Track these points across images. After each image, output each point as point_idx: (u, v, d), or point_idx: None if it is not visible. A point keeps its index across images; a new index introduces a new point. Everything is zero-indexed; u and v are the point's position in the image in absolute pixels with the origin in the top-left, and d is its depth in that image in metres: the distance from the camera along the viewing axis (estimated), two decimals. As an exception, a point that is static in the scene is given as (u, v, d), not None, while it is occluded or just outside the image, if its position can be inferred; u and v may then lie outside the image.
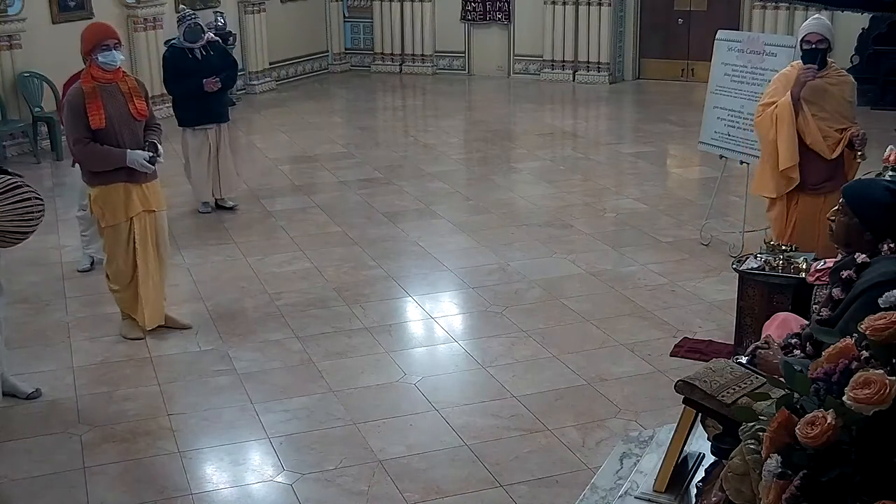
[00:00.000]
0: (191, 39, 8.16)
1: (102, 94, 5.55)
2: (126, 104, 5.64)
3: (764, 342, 3.13)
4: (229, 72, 8.42)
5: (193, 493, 4.33)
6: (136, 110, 5.67)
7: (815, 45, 5.73)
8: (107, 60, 5.58)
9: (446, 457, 4.57)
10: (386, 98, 15.01)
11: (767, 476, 1.90)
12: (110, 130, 5.57)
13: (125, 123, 5.64)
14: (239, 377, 5.42)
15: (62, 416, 5.03)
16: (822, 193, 5.72)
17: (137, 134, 5.71)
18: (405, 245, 7.65)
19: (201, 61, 8.16)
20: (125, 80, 5.71)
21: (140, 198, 5.76)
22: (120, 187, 5.68)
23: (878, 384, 1.81)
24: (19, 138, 10.62)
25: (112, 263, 5.87)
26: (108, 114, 5.55)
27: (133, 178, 5.69)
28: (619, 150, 10.97)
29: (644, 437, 3.25)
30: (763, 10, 13.39)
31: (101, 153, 5.58)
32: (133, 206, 5.73)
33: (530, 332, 5.91)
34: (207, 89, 8.08)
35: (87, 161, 5.67)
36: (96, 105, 5.51)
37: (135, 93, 5.69)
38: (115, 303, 6.02)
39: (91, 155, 5.61)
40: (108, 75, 5.61)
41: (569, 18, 14.61)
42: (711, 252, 7.30)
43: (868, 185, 3.35)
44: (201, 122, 8.27)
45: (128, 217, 5.73)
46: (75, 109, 5.54)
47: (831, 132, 5.72)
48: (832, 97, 5.74)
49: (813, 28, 5.76)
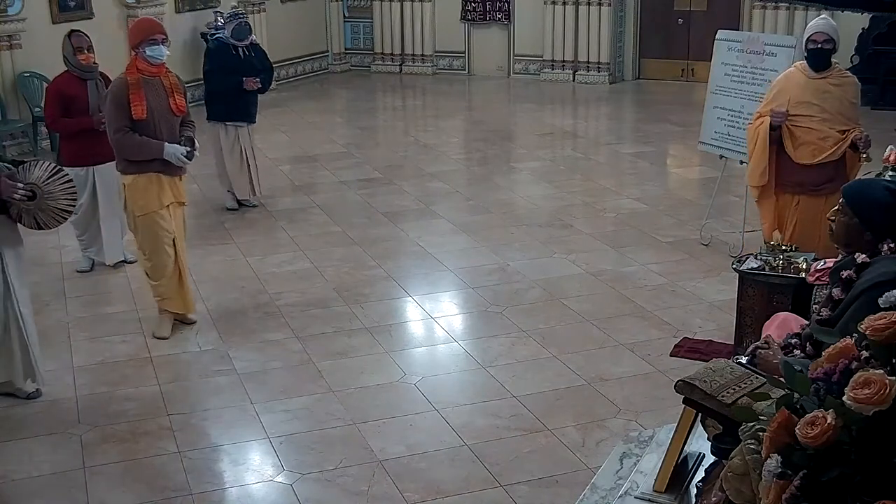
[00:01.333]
0: (238, 37, 8.33)
1: (145, 87, 5.69)
2: (167, 98, 5.78)
3: (764, 342, 3.13)
4: (267, 74, 8.57)
5: (193, 493, 4.33)
6: (176, 105, 5.82)
7: (820, 45, 5.71)
8: (154, 54, 5.72)
9: (446, 457, 4.57)
10: (386, 98, 15.01)
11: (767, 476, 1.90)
12: (150, 122, 5.70)
13: (164, 117, 5.77)
14: (239, 377, 5.42)
15: (62, 416, 5.03)
16: (824, 194, 5.72)
17: (175, 128, 5.85)
18: (405, 245, 7.65)
19: (243, 60, 8.33)
20: (168, 75, 5.86)
21: (172, 189, 5.87)
22: (153, 177, 5.78)
23: (878, 384, 1.81)
24: (19, 138, 10.62)
25: (152, 257, 5.90)
26: (149, 106, 5.68)
27: (166, 171, 5.80)
28: (619, 150, 10.97)
29: (644, 437, 3.25)
30: (763, 10, 13.39)
31: (140, 143, 5.69)
32: (166, 195, 5.84)
33: (530, 332, 5.91)
34: (247, 87, 8.23)
35: (126, 150, 5.75)
36: (139, 96, 5.64)
37: (175, 89, 5.84)
38: (156, 297, 6.00)
39: (130, 144, 5.71)
40: (153, 69, 5.75)
41: (569, 18, 14.61)
42: (711, 252, 7.30)
43: (868, 185, 3.35)
44: (234, 118, 8.37)
45: (162, 205, 5.81)
46: (118, 99, 5.66)
47: (833, 133, 5.71)
48: (834, 98, 5.73)
49: (819, 28, 5.74)
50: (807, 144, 5.76)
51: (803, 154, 5.76)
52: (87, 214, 6.92)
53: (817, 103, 5.71)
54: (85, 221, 6.97)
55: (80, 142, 6.74)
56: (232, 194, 8.56)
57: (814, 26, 5.81)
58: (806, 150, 5.76)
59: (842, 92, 5.77)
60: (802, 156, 5.76)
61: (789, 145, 5.80)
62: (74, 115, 6.71)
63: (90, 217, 6.95)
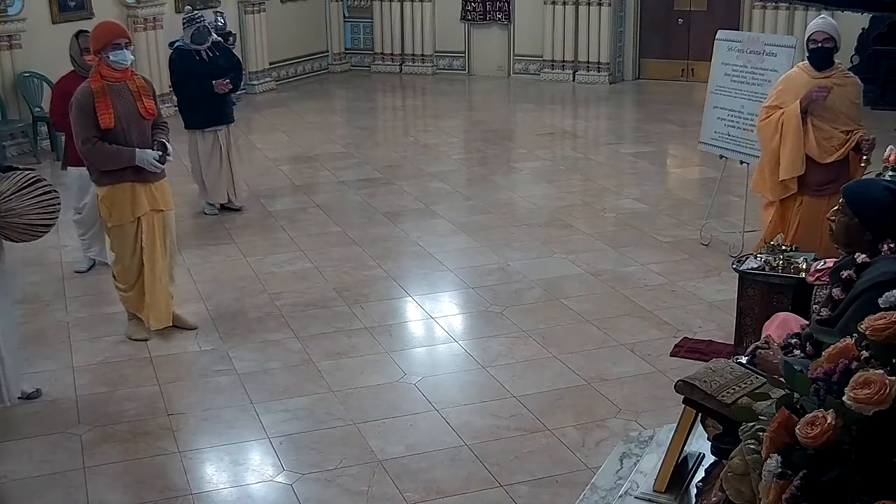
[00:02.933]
0: (198, 41, 8.14)
1: (111, 93, 5.54)
2: (135, 103, 5.63)
3: (764, 342, 3.13)
4: (236, 72, 8.41)
5: (193, 493, 4.33)
6: (145, 109, 5.66)
7: (820, 44, 5.70)
8: (118, 59, 5.56)
9: (446, 457, 4.57)
10: (386, 98, 15.01)
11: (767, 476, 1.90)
12: (119, 129, 5.56)
13: (134, 122, 5.63)
14: (239, 377, 5.42)
15: (62, 416, 5.03)
16: (826, 195, 5.70)
17: (146, 133, 5.70)
18: (405, 245, 7.65)
19: (208, 63, 8.14)
20: (133, 79, 5.70)
21: (148, 197, 5.74)
22: (128, 187, 5.66)
23: (878, 384, 1.81)
24: (19, 138, 10.62)
25: (118, 263, 5.86)
26: (117, 113, 5.54)
27: (142, 178, 5.68)
28: (619, 150, 10.97)
29: (644, 437, 3.25)
30: (763, 10, 13.39)
31: (111, 152, 5.56)
32: (140, 205, 5.71)
33: (530, 332, 5.91)
34: (218, 90, 8.06)
35: (96, 160, 5.63)
36: (105, 104, 5.50)
37: (143, 92, 5.67)
38: (121, 302, 6.01)
39: (100, 154, 5.57)
40: (118, 74, 5.60)
41: (569, 18, 14.61)
42: (711, 252, 7.30)
43: (868, 185, 3.35)
44: (211, 123, 8.25)
45: (134, 217, 5.71)
46: (84, 108, 5.52)
47: (836, 133, 5.70)
48: (837, 98, 5.71)
49: (819, 27, 5.72)
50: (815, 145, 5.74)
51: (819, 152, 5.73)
52: (91, 214, 6.91)
53: (821, 102, 5.70)
54: (88, 221, 6.96)
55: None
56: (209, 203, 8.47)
57: (814, 25, 5.79)
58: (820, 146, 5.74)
59: (844, 92, 5.76)
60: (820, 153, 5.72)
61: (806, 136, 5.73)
62: None
63: (94, 216, 6.94)
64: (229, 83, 8.11)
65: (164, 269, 5.92)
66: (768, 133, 5.87)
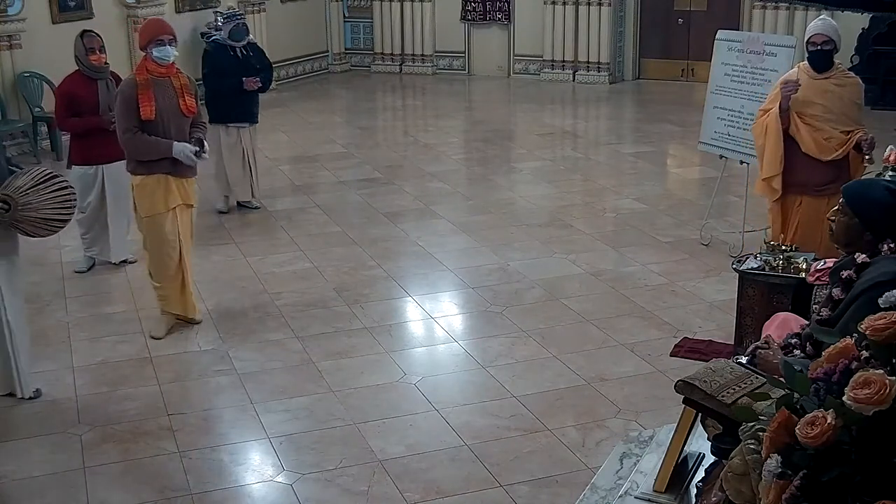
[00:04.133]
0: (236, 38, 8.27)
1: (154, 87, 5.68)
2: (177, 99, 5.76)
3: (764, 342, 3.13)
4: (267, 73, 8.51)
5: (193, 493, 4.33)
6: (186, 106, 5.79)
7: (820, 47, 5.69)
8: (161, 55, 5.71)
9: (446, 457, 4.57)
10: (386, 98, 15.01)
11: (767, 476, 1.90)
12: (159, 123, 5.69)
13: (174, 118, 5.75)
14: (239, 377, 5.42)
15: (62, 416, 5.03)
16: (826, 195, 5.70)
17: (184, 129, 5.83)
18: (405, 245, 7.65)
19: (241, 60, 8.26)
20: (178, 76, 5.83)
21: (180, 191, 5.86)
22: (162, 178, 5.77)
23: (878, 384, 1.81)
24: (19, 138, 10.61)
25: (154, 258, 5.91)
26: (158, 106, 5.67)
27: (176, 171, 5.79)
28: (619, 150, 10.97)
29: (644, 437, 3.25)
30: (763, 10, 13.39)
31: (149, 143, 5.69)
32: (173, 197, 5.82)
33: (530, 332, 5.91)
34: (247, 87, 8.16)
35: (135, 150, 5.74)
36: (147, 96, 5.63)
37: (186, 89, 5.81)
38: (158, 301, 6.02)
39: (139, 144, 5.70)
40: (162, 69, 5.74)
41: (569, 18, 14.61)
42: (711, 252, 7.30)
43: (868, 185, 3.35)
44: (236, 119, 8.32)
45: (168, 207, 5.81)
46: (127, 99, 5.66)
47: (836, 134, 5.69)
48: (837, 99, 5.70)
49: (818, 29, 5.71)
50: (813, 143, 5.74)
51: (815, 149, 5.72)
52: (94, 213, 6.92)
53: (821, 103, 5.69)
54: (91, 220, 6.97)
55: (89, 141, 6.75)
56: (226, 198, 8.50)
57: (813, 28, 5.78)
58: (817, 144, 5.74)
59: (845, 92, 5.74)
60: (817, 150, 5.71)
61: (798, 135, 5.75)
62: (84, 115, 6.72)
63: (96, 216, 6.95)
64: (259, 81, 8.22)
65: (190, 264, 6.09)
66: (756, 134, 5.97)
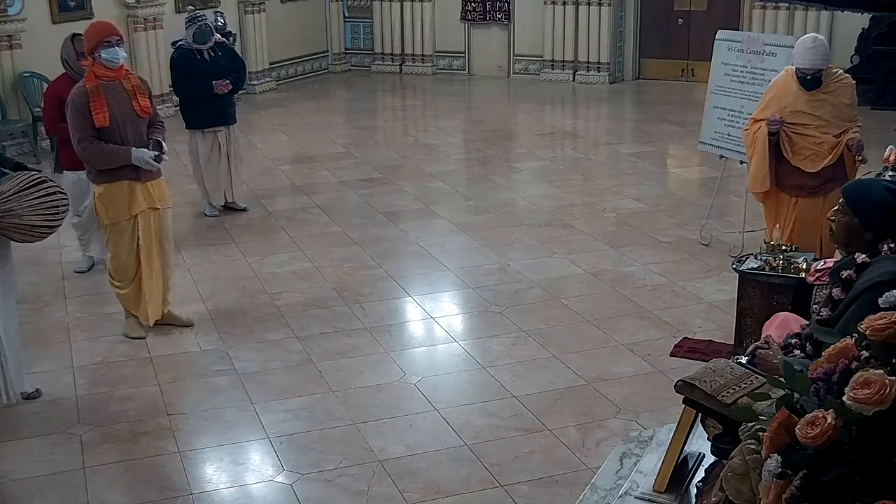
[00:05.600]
0: (200, 41, 8.10)
1: (106, 92, 5.57)
2: (130, 102, 5.65)
3: (764, 342, 3.13)
4: (238, 73, 8.36)
5: (193, 493, 4.33)
6: (140, 108, 5.68)
7: (810, 77, 5.68)
8: (110, 57, 5.58)
9: (446, 457, 4.57)
10: (386, 98, 15.01)
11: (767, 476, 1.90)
12: (114, 128, 5.59)
13: (129, 121, 5.65)
14: (239, 377, 5.42)
15: (62, 416, 5.03)
16: (823, 195, 5.72)
17: (141, 131, 5.72)
18: (405, 245, 7.65)
19: (210, 62, 8.10)
20: (128, 77, 5.72)
21: (144, 195, 5.77)
22: (125, 185, 5.69)
23: (878, 384, 1.81)
24: (19, 138, 10.62)
25: (115, 260, 5.87)
26: (112, 112, 5.56)
27: (138, 176, 5.71)
28: (619, 150, 10.97)
29: (644, 437, 3.26)
30: (763, 10, 13.39)
31: (107, 151, 5.59)
32: (137, 203, 5.74)
33: (530, 332, 5.91)
34: (218, 91, 8.01)
35: (93, 159, 5.66)
36: (100, 103, 5.53)
37: (138, 90, 5.70)
38: (118, 300, 6.01)
39: (96, 153, 5.61)
40: (112, 73, 5.61)
41: (569, 18, 14.61)
42: (711, 252, 7.30)
43: (868, 185, 3.35)
44: (211, 124, 8.20)
45: (131, 215, 5.74)
46: (79, 108, 5.55)
47: (828, 138, 5.68)
48: (831, 105, 5.71)
49: (809, 62, 5.61)
50: (805, 150, 5.74)
51: (802, 161, 5.75)
52: (90, 217, 6.89)
53: (812, 112, 5.70)
54: (87, 223, 6.96)
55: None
56: (209, 204, 8.43)
57: (802, 58, 5.64)
58: (804, 155, 5.75)
59: (836, 98, 5.71)
60: (802, 162, 5.75)
61: (788, 151, 5.79)
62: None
63: (92, 219, 6.93)
64: (229, 84, 8.07)
65: (159, 267, 5.94)
66: (747, 143, 6.03)
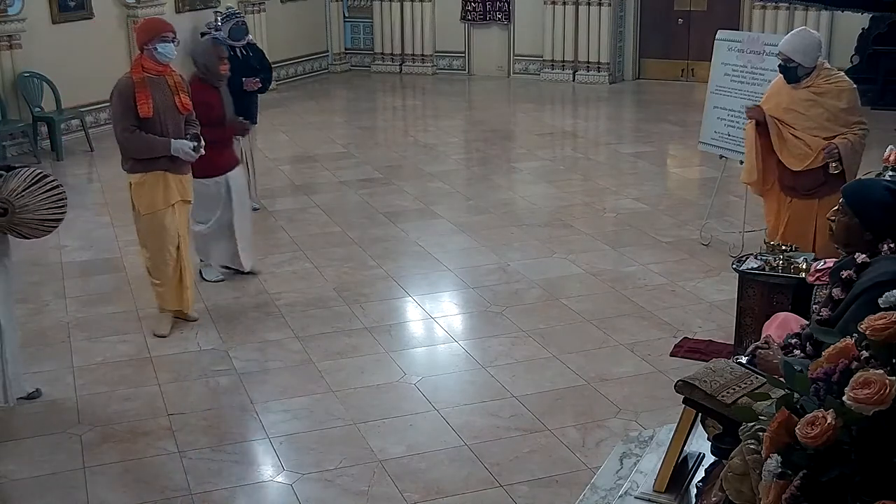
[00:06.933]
0: (235, 38, 8.25)
1: (151, 86, 5.71)
2: (172, 97, 5.81)
3: (764, 342, 3.13)
4: (266, 74, 8.48)
5: (193, 493, 4.33)
6: (182, 104, 5.85)
7: (783, 63, 5.70)
8: (165, 51, 5.75)
9: (446, 457, 4.57)
10: (386, 98, 15.01)
11: (767, 476, 1.90)
12: (156, 120, 5.73)
13: (170, 115, 5.80)
14: (239, 377, 5.42)
15: (62, 416, 5.03)
16: (817, 198, 5.70)
17: (180, 126, 5.88)
18: (405, 245, 7.65)
19: (241, 60, 8.21)
20: (172, 74, 5.88)
21: (178, 187, 5.90)
22: (160, 175, 5.81)
23: (878, 384, 1.81)
24: (19, 138, 10.61)
25: (155, 256, 5.93)
26: (155, 104, 5.70)
27: (173, 168, 5.83)
28: (619, 150, 10.97)
29: (644, 437, 3.26)
30: (763, 10, 13.40)
31: (147, 141, 5.73)
32: (171, 194, 5.87)
33: (530, 332, 5.91)
34: (247, 88, 8.11)
35: (133, 148, 5.77)
36: (145, 94, 5.67)
37: (180, 87, 5.88)
38: (155, 298, 6.05)
39: (137, 142, 5.74)
40: (159, 68, 5.77)
41: (569, 18, 14.61)
42: (711, 252, 7.30)
43: (868, 185, 3.35)
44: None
45: (167, 204, 5.84)
46: (124, 98, 5.70)
47: (818, 141, 5.62)
48: (819, 106, 5.64)
49: (781, 47, 5.69)
50: (793, 147, 5.74)
51: (791, 159, 5.74)
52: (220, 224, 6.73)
53: (800, 111, 5.67)
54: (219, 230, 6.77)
55: (211, 151, 6.20)
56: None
57: (781, 42, 5.75)
58: (792, 153, 5.75)
59: (825, 99, 5.65)
60: (790, 161, 5.75)
61: (779, 147, 5.77)
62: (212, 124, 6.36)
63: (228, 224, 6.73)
64: (258, 82, 8.19)
65: (188, 260, 6.10)
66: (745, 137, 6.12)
